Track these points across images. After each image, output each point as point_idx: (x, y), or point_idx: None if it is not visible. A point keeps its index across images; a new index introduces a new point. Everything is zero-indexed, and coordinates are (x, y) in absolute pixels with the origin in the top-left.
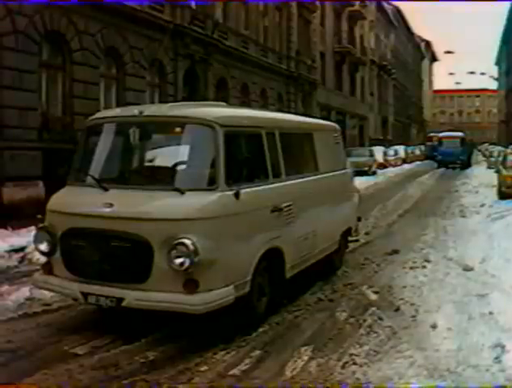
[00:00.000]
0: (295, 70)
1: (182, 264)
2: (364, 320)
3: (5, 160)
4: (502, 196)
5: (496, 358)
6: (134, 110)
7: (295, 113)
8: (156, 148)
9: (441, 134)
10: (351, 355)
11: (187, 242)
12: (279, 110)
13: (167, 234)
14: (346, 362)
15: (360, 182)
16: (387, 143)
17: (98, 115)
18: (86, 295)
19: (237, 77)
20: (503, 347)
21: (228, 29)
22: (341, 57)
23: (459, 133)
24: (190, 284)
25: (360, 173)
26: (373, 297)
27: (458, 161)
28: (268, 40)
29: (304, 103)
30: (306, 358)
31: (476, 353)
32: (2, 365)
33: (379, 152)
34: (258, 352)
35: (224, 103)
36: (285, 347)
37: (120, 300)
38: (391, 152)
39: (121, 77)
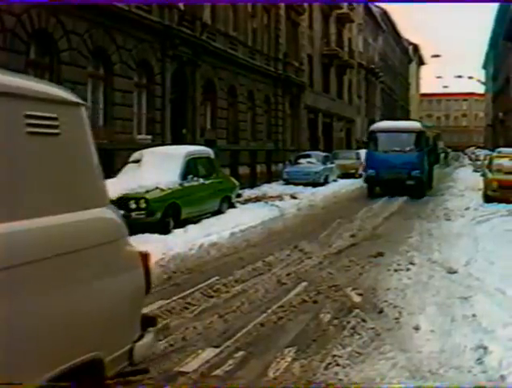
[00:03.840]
0: (282, 72)
1: None
2: (348, 322)
3: None
4: (488, 199)
5: (478, 359)
6: None
7: (283, 116)
8: None
9: (378, 125)
10: (334, 356)
11: None
12: (267, 112)
13: None
14: (329, 363)
15: (346, 184)
16: None
17: None
18: None
19: (225, 78)
20: (485, 348)
21: (217, 30)
22: (328, 60)
23: (412, 124)
24: None
25: (347, 175)
26: (357, 299)
27: (407, 179)
28: (256, 41)
29: (291, 105)
30: (289, 359)
31: (459, 355)
32: None
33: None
34: (241, 353)
35: None
36: (269, 348)
37: None
38: None
39: (109, 77)
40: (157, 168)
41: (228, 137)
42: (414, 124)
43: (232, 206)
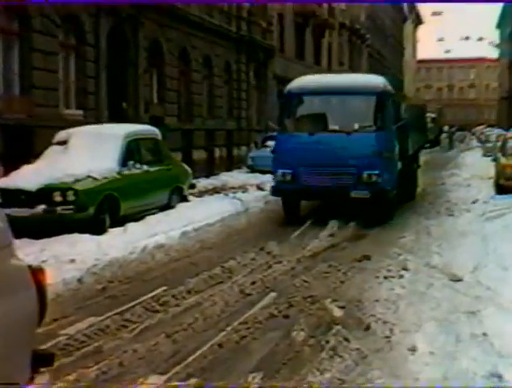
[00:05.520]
0: (246, 34)
1: None
2: (327, 341)
3: None
4: (500, 189)
5: None
6: None
7: (247, 89)
8: None
9: (300, 82)
10: (310, 383)
11: None
12: (227, 83)
13: None
14: None
15: None
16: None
17: None
18: None
19: (175, 40)
20: (500, 376)
21: None
22: (303, 20)
23: (367, 79)
24: None
25: None
26: (338, 312)
27: (353, 187)
28: None
29: (257, 74)
30: (255, 387)
31: (466, 384)
32: None
33: None
34: (194, 381)
35: None
36: (229, 373)
37: None
38: None
39: (26, 34)
40: (90, 152)
41: (180, 114)
42: (371, 80)
43: (184, 199)
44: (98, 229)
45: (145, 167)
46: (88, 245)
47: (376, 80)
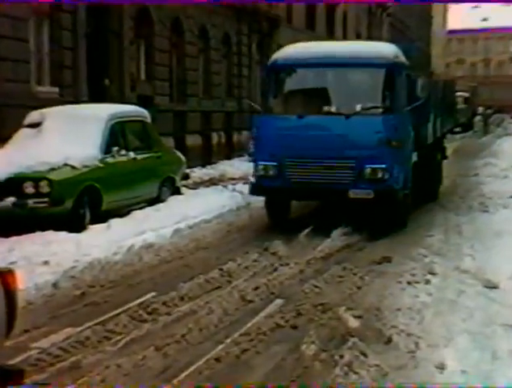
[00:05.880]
0: (248, 1)
1: None
2: (341, 356)
3: None
4: None
5: None
6: None
7: (249, 64)
8: None
9: (287, 52)
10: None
11: None
12: (226, 57)
13: None
14: None
15: None
16: None
17: None
18: None
19: (166, 7)
20: None
21: None
22: None
23: (374, 48)
24: None
25: None
26: (354, 323)
27: (353, 185)
28: None
29: (260, 47)
30: None
31: None
32: None
33: None
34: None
35: None
36: None
37: None
38: None
39: None
40: (67, 136)
41: (172, 93)
42: (378, 49)
43: (176, 192)
44: (76, 225)
45: (132, 154)
46: (65, 244)
47: (386, 49)
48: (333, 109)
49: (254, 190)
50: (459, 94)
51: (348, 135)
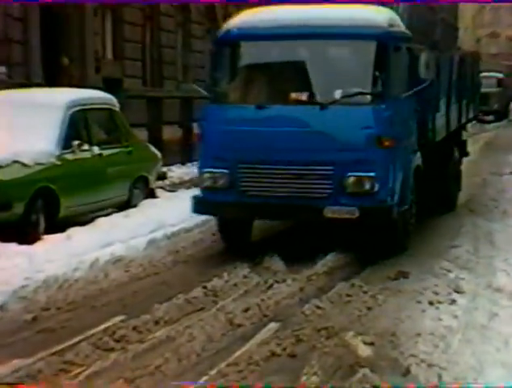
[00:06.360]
0: None
1: None
2: None
3: None
4: None
5: None
6: None
7: None
8: None
9: (244, 18)
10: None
11: None
12: (209, 32)
13: None
14: None
15: None
16: None
17: None
18: None
19: None
20: None
21: None
22: None
23: (361, 14)
24: None
25: None
26: (364, 351)
27: (332, 200)
28: None
29: None
30: None
31: None
32: None
33: None
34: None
35: None
36: None
37: None
38: None
39: None
40: (17, 128)
41: (145, 76)
42: (367, 15)
43: (150, 195)
44: (28, 235)
45: (96, 150)
46: (14, 258)
47: (377, 14)
48: (304, 97)
49: (198, 206)
50: (491, 74)
51: (324, 132)
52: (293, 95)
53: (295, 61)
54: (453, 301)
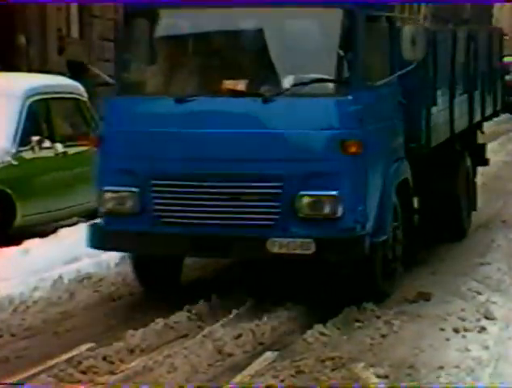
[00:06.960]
0: None
1: None
2: None
3: None
4: None
5: None
6: None
7: None
8: None
9: None
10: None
11: None
12: None
13: None
14: None
15: None
16: None
17: None
18: None
19: None
20: None
21: None
22: None
23: None
24: None
25: None
26: (377, 385)
27: (275, 234)
28: None
29: None
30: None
31: None
32: None
33: None
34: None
35: None
36: None
37: None
38: None
39: None
40: None
41: None
42: None
43: None
44: None
45: (60, 147)
46: None
47: None
48: (242, 85)
49: (96, 239)
50: None
51: (269, 134)
52: (226, 84)
53: (230, 36)
54: (482, 329)
